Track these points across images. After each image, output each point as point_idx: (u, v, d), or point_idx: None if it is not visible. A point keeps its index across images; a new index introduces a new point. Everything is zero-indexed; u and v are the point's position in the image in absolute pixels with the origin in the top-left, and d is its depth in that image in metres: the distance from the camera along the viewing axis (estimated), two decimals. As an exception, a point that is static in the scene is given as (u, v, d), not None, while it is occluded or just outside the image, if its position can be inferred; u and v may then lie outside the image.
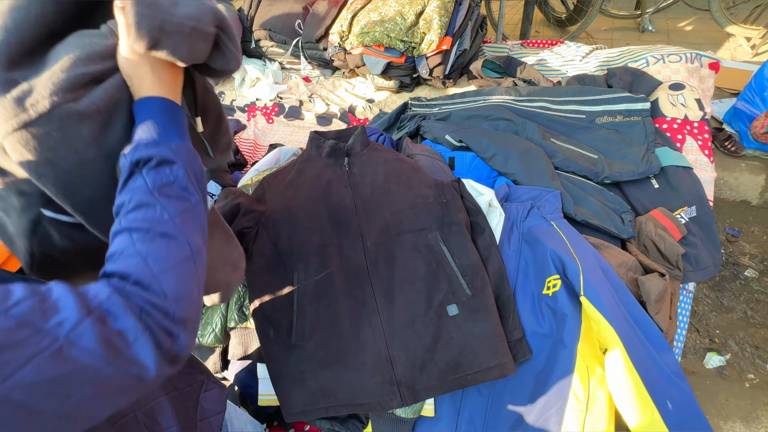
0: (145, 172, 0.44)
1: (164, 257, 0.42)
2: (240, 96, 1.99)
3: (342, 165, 0.96)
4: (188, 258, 0.44)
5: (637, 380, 0.72)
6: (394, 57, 1.52)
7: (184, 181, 0.46)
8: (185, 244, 0.44)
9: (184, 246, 0.44)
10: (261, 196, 0.99)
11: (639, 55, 1.45)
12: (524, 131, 1.21)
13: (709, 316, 1.52)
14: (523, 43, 1.73)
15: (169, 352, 0.39)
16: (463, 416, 0.81)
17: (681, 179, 1.12)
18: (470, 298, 0.80)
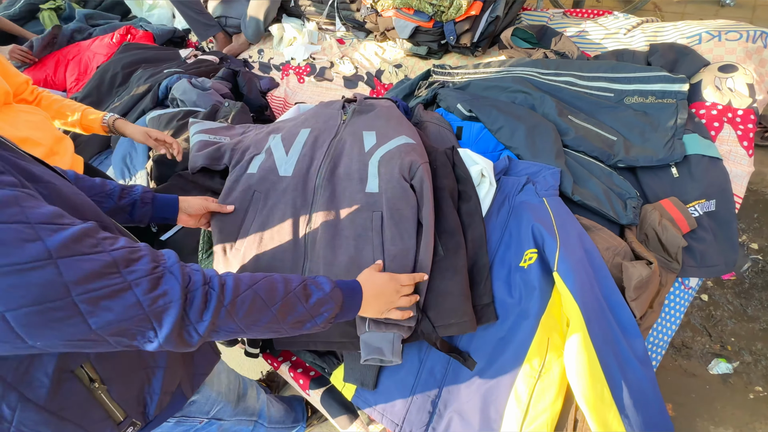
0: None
1: (259, 309, 0.56)
2: (277, 54, 2.07)
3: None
4: (272, 325, 0.57)
5: (592, 356, 0.73)
6: (423, 21, 1.49)
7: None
8: (279, 322, 0.58)
9: (276, 320, 0.57)
10: None
11: (692, 30, 1.31)
12: (541, 106, 1.17)
13: (726, 323, 1.43)
14: (566, 11, 1.61)
15: (182, 335, 0.49)
16: (425, 366, 0.87)
17: (705, 170, 1.04)
18: (442, 258, 0.84)
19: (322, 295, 0.61)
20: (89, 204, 0.60)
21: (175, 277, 0.49)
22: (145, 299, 0.46)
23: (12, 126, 0.87)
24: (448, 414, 0.84)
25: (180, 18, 2.36)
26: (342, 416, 0.98)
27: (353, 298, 0.67)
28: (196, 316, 0.50)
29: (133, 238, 0.68)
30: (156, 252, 0.52)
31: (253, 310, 0.55)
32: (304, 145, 1.02)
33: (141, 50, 1.87)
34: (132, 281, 0.46)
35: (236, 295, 0.53)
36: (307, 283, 0.62)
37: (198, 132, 1.15)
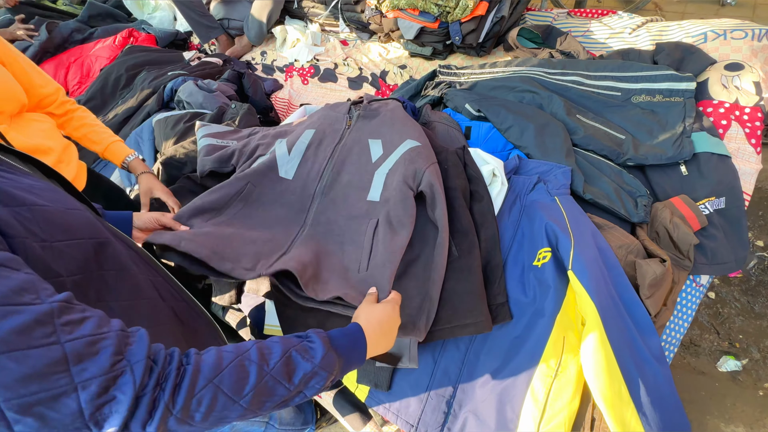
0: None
1: (225, 408, 0.45)
2: (280, 56, 2.07)
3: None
4: (246, 415, 0.47)
5: (609, 354, 0.73)
6: (428, 21, 1.50)
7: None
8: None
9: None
10: None
11: (697, 29, 1.32)
12: (549, 105, 1.18)
13: (734, 320, 1.44)
14: (570, 11, 1.62)
15: None
16: (440, 366, 0.87)
17: (714, 168, 1.04)
18: (456, 259, 0.84)
19: (310, 368, 0.50)
20: (84, 221, 0.55)
21: (133, 378, 0.40)
22: (88, 407, 0.38)
23: (24, 135, 0.86)
24: (463, 414, 0.83)
25: (181, 20, 2.36)
26: (355, 418, 0.98)
27: (354, 351, 0.58)
28: (138, 428, 0.41)
29: (133, 246, 0.65)
30: (125, 337, 0.43)
31: (213, 410, 0.44)
32: (308, 147, 1.02)
33: (145, 52, 1.87)
34: (80, 383, 0.38)
35: (190, 397, 0.43)
36: (292, 354, 0.50)
37: (205, 135, 1.15)
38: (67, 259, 0.49)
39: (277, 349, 0.50)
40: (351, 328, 0.60)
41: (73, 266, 0.50)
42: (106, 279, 0.56)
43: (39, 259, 0.46)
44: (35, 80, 0.95)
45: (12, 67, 0.90)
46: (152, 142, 1.37)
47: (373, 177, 0.95)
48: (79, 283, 0.50)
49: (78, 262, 0.50)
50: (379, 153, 0.99)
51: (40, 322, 0.38)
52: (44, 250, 0.47)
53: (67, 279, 0.49)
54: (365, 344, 0.59)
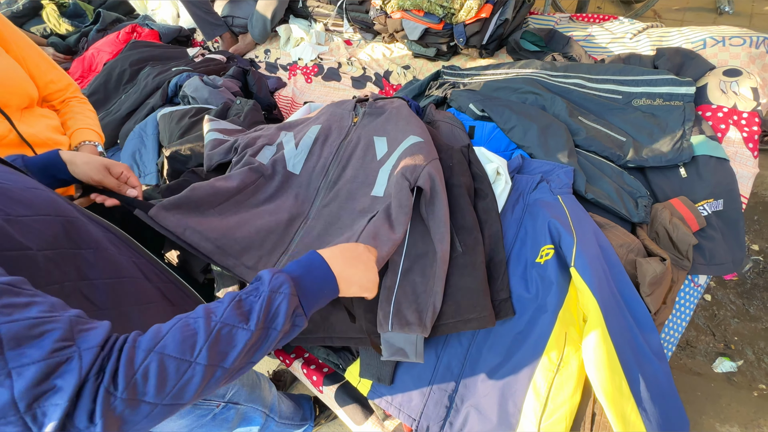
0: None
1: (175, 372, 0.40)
2: (284, 54, 2.08)
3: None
4: (217, 378, 0.43)
5: (610, 349, 0.74)
6: (432, 23, 1.51)
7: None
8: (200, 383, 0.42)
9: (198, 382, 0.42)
10: None
11: (697, 35, 1.34)
12: (552, 107, 1.19)
13: (729, 322, 1.46)
14: (572, 16, 1.64)
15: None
16: (442, 361, 0.88)
17: (712, 171, 1.06)
18: (460, 255, 0.85)
19: (263, 298, 0.46)
20: (46, 199, 0.52)
21: (80, 365, 0.36)
22: (24, 396, 0.34)
23: (33, 128, 0.86)
24: (465, 408, 0.84)
25: (184, 17, 2.37)
26: (357, 412, 0.98)
27: (314, 271, 0.53)
28: (84, 420, 0.36)
29: (110, 228, 0.63)
30: (79, 326, 0.39)
31: (166, 378, 0.39)
32: (314, 142, 1.04)
33: (149, 48, 1.87)
34: (14, 368, 0.33)
35: (131, 374, 0.38)
36: (241, 297, 0.47)
37: (212, 130, 1.16)
38: (36, 234, 0.48)
39: (225, 299, 0.47)
40: (303, 257, 0.56)
41: (42, 242, 0.48)
42: (85, 257, 0.54)
43: (2, 230, 0.44)
44: (47, 75, 0.95)
45: (26, 61, 0.90)
46: (156, 137, 1.37)
47: (378, 174, 0.96)
48: (53, 258, 0.49)
49: (48, 238, 0.49)
50: (384, 150, 1.00)
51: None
52: (9, 223, 0.45)
53: (38, 253, 0.47)
54: (324, 263, 0.54)
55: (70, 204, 0.59)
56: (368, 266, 0.59)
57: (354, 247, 0.60)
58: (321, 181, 0.99)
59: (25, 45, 0.91)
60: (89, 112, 1.05)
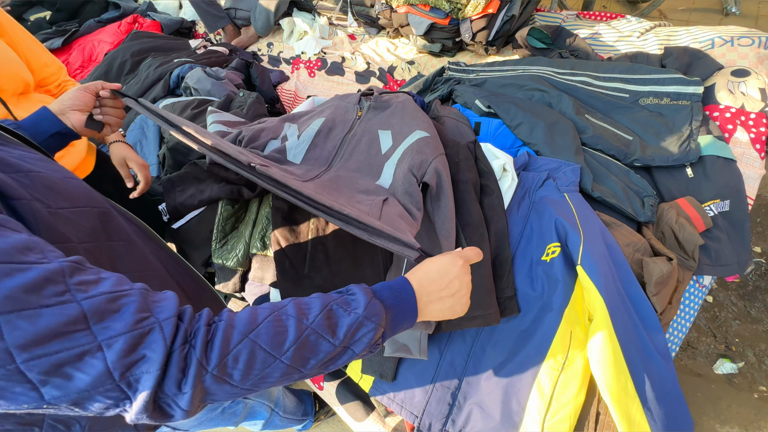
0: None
1: (262, 365, 0.41)
2: (287, 48, 2.06)
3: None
4: (291, 376, 0.43)
5: (616, 348, 0.74)
6: (439, 18, 1.50)
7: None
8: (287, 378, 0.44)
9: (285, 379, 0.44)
10: None
11: (705, 35, 1.33)
12: (558, 104, 1.18)
13: (731, 324, 1.46)
14: (579, 13, 1.63)
15: (158, 410, 0.39)
16: (446, 358, 0.87)
17: (719, 171, 1.06)
18: (466, 251, 0.84)
19: (354, 319, 0.45)
20: (82, 189, 0.53)
21: (163, 336, 0.38)
22: (117, 366, 0.36)
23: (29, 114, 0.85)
24: (468, 406, 0.84)
25: (186, 9, 2.34)
26: (358, 409, 0.98)
27: (401, 304, 0.50)
28: (173, 388, 0.38)
29: (132, 220, 0.64)
30: (151, 297, 0.41)
31: (252, 367, 0.41)
32: (317, 134, 1.02)
33: (151, 39, 1.85)
34: (103, 341, 0.36)
35: (225, 354, 0.40)
36: (332, 307, 0.46)
37: (215, 122, 1.14)
38: (75, 227, 0.47)
39: (316, 303, 0.46)
40: (395, 281, 0.52)
41: (82, 234, 0.48)
42: (116, 249, 0.55)
43: (47, 223, 0.44)
44: (41, 59, 0.94)
45: (19, 46, 0.88)
46: (157, 128, 1.36)
47: (383, 168, 0.95)
48: (91, 251, 0.49)
49: (86, 230, 0.49)
50: (389, 144, 0.99)
51: (50, 280, 0.35)
52: (52, 216, 0.45)
53: (79, 246, 0.47)
54: (413, 297, 0.50)
55: (101, 195, 0.60)
56: (453, 286, 0.53)
57: (446, 267, 0.53)
58: (323, 171, 0.97)
59: (18, 29, 0.89)
60: None
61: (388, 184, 0.92)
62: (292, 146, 1.01)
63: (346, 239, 0.92)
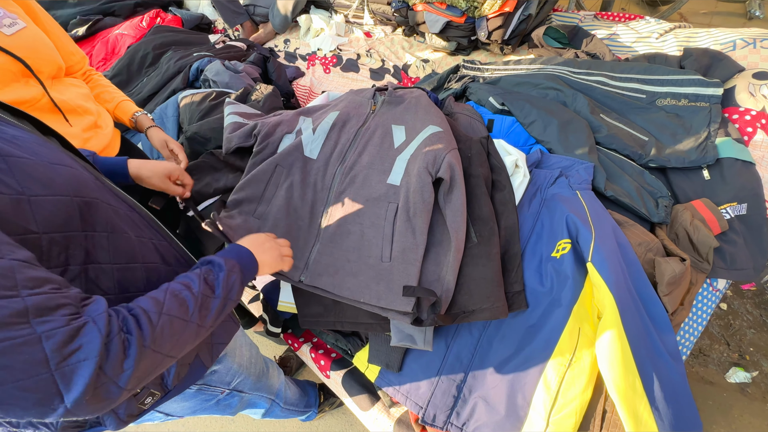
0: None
1: (175, 327, 0.51)
2: (303, 45, 2.08)
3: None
4: (198, 335, 0.55)
5: (625, 346, 0.73)
6: (455, 16, 1.50)
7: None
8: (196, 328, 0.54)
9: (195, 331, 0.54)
10: None
11: (727, 36, 1.31)
12: (573, 103, 1.18)
13: (745, 332, 1.42)
14: (597, 14, 1.62)
15: (98, 395, 0.42)
16: (452, 351, 0.88)
17: (737, 174, 1.04)
18: (475, 245, 0.84)
19: (223, 275, 0.60)
20: (69, 177, 0.53)
21: (97, 329, 0.42)
22: (54, 355, 0.38)
23: (64, 96, 0.89)
24: (473, 399, 0.84)
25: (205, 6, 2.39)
26: (363, 399, 0.99)
27: (244, 258, 0.67)
28: (114, 368, 0.43)
29: (135, 208, 0.66)
30: (82, 299, 0.45)
31: (174, 334, 0.50)
32: (332, 128, 1.04)
33: (172, 33, 1.89)
34: (43, 333, 0.38)
35: (153, 329, 0.47)
36: (203, 274, 0.59)
37: (232, 113, 1.17)
38: (46, 215, 0.47)
39: (193, 277, 0.58)
40: (231, 246, 0.70)
41: (51, 223, 0.48)
42: (98, 240, 0.55)
43: (9, 213, 0.44)
44: (68, 46, 0.98)
45: (51, 33, 0.92)
46: (176, 118, 1.39)
47: (395, 162, 0.96)
48: (59, 242, 0.50)
49: (58, 220, 0.49)
50: (402, 139, 1.00)
51: (3, 274, 0.38)
52: (18, 203, 0.45)
53: (43, 235, 0.47)
54: (248, 251, 0.69)
55: (97, 182, 0.60)
56: (271, 253, 0.74)
57: (265, 240, 0.75)
58: (338, 167, 0.99)
59: (49, 19, 0.93)
60: (112, 84, 1.12)
61: (399, 180, 0.93)
62: (308, 141, 1.03)
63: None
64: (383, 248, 0.87)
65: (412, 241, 0.85)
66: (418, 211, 0.86)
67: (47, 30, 0.91)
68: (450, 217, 0.86)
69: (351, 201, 0.93)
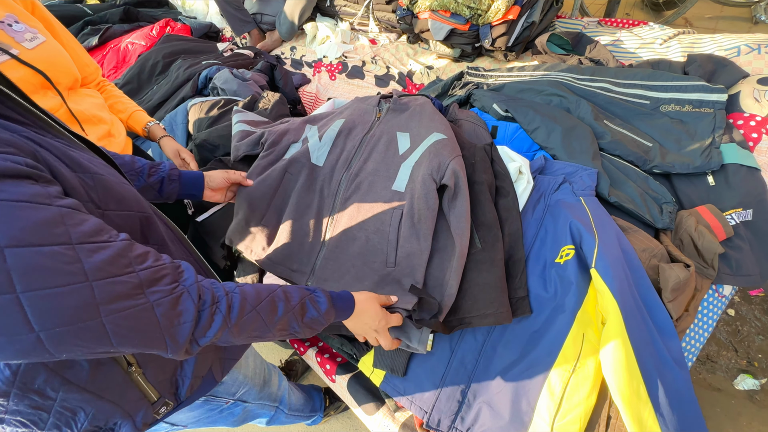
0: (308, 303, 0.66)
1: (255, 320, 0.58)
2: (309, 52, 2.12)
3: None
4: (264, 337, 0.61)
5: (629, 352, 0.73)
6: (459, 23, 1.52)
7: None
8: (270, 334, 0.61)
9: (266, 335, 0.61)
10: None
11: (731, 42, 1.31)
12: (577, 109, 1.18)
13: (753, 339, 1.41)
14: (601, 20, 1.63)
15: (188, 349, 0.53)
16: (456, 356, 0.88)
17: (743, 180, 1.04)
18: (479, 251, 0.85)
19: (316, 315, 0.65)
20: (133, 194, 0.61)
21: (191, 298, 0.52)
22: (163, 319, 0.48)
23: (81, 106, 0.92)
24: (477, 404, 0.84)
25: (213, 14, 2.44)
26: (368, 403, 0.99)
27: (342, 313, 0.72)
28: (200, 333, 0.53)
29: (169, 225, 0.71)
30: (176, 268, 0.54)
31: (253, 329, 0.58)
32: (338, 135, 1.06)
33: (181, 41, 1.93)
34: (154, 302, 0.48)
35: (241, 317, 0.56)
36: (305, 302, 0.65)
37: (240, 121, 1.19)
38: (117, 227, 0.53)
39: (296, 294, 0.65)
40: (348, 296, 0.74)
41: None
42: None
43: None
44: (82, 59, 1.02)
45: (68, 45, 0.96)
46: (185, 126, 1.42)
47: (400, 168, 0.98)
48: None
49: (126, 232, 0.54)
50: (406, 146, 1.01)
51: (121, 254, 0.47)
52: (102, 217, 0.51)
53: None
54: (352, 311, 0.74)
55: (150, 204, 0.67)
56: (368, 326, 0.78)
57: (378, 317, 0.77)
58: (343, 174, 1.01)
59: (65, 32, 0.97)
60: (124, 94, 1.16)
61: (404, 187, 0.94)
62: (314, 149, 1.05)
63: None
64: (388, 254, 0.88)
65: (417, 246, 0.86)
66: (422, 217, 0.88)
67: (64, 43, 0.94)
68: (454, 222, 0.87)
69: (356, 207, 0.95)
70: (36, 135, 0.50)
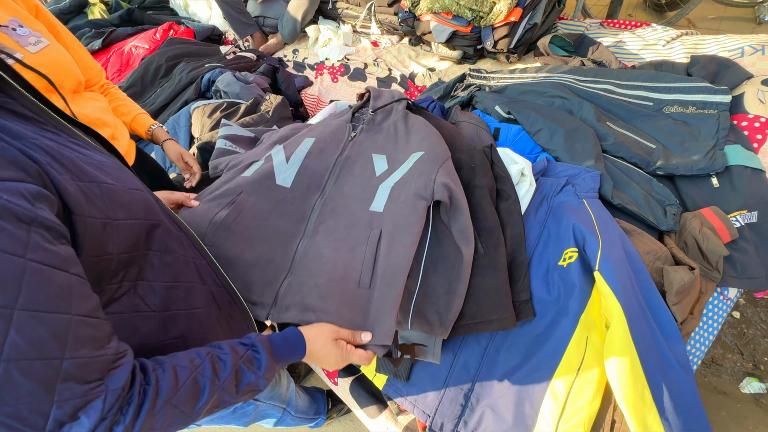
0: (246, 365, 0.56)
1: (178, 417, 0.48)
2: (312, 54, 2.12)
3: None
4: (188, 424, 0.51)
5: (634, 356, 0.73)
6: (461, 26, 1.52)
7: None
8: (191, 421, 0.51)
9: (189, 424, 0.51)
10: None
11: (734, 43, 1.31)
12: (579, 111, 1.18)
13: (759, 342, 1.40)
14: (603, 22, 1.62)
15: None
16: (459, 360, 0.88)
17: (747, 181, 1.03)
18: (482, 256, 0.85)
19: (254, 379, 0.56)
20: (142, 200, 0.57)
21: (103, 405, 0.42)
22: (55, 424, 0.39)
23: (84, 109, 0.92)
24: (480, 408, 0.84)
25: (215, 17, 2.45)
26: (371, 406, 0.99)
27: (291, 359, 0.64)
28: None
29: (182, 227, 0.66)
30: (113, 360, 0.44)
31: (167, 425, 0.48)
32: (307, 156, 0.97)
33: (184, 45, 1.95)
34: (56, 401, 0.39)
35: (150, 418, 0.46)
36: (239, 367, 0.55)
37: (223, 137, 1.14)
38: (122, 237, 0.50)
39: (228, 361, 0.54)
40: (295, 337, 0.65)
41: (124, 245, 0.51)
42: (150, 258, 0.57)
43: (96, 238, 0.47)
44: (86, 62, 1.02)
45: (71, 48, 0.96)
46: (188, 128, 1.43)
47: (378, 189, 0.91)
48: (124, 261, 0.52)
49: (129, 241, 0.52)
50: (383, 167, 0.95)
51: (56, 335, 0.39)
52: (105, 227, 0.48)
53: (115, 256, 0.50)
54: (303, 354, 0.65)
55: (158, 204, 0.61)
56: (329, 363, 0.70)
57: (335, 356, 0.70)
58: (317, 199, 0.92)
59: (69, 35, 0.97)
60: (128, 97, 1.16)
61: (382, 207, 0.88)
62: (280, 170, 0.95)
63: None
64: (362, 273, 0.81)
65: (396, 264, 0.80)
66: (404, 235, 0.82)
67: (67, 46, 0.94)
68: (457, 233, 0.85)
69: (331, 230, 0.87)
70: (47, 139, 0.47)
